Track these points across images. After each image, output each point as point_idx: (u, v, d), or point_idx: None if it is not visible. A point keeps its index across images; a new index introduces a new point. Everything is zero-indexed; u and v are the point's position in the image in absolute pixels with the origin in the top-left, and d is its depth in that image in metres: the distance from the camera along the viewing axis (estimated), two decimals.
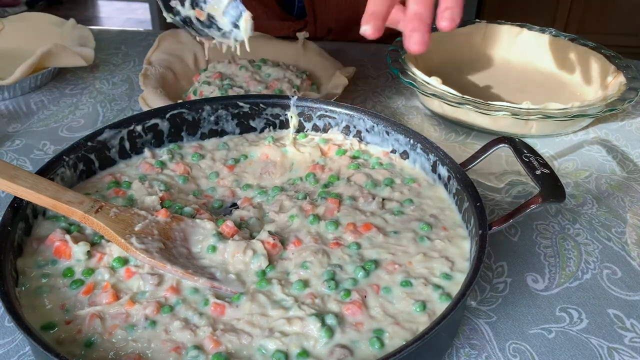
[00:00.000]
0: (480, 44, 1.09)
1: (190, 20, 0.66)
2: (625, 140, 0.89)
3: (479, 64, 1.08)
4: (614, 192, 0.79)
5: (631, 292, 0.64)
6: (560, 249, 0.69)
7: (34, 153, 0.85)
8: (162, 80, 0.94)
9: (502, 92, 0.99)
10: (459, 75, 1.04)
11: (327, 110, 0.75)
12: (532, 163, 0.62)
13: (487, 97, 0.87)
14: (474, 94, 0.87)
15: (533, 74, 1.05)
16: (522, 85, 1.01)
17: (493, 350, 0.57)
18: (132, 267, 0.56)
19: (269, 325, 0.52)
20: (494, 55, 1.09)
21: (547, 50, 1.05)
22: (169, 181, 0.68)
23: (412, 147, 0.70)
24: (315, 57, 1.03)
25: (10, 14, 1.12)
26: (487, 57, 1.09)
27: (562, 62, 1.04)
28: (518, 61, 1.07)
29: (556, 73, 1.04)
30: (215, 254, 0.58)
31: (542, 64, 1.06)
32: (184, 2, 0.65)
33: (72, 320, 0.52)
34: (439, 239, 0.60)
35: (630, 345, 0.58)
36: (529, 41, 1.07)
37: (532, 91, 0.99)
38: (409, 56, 0.97)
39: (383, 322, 0.52)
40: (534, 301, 0.63)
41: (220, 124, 0.76)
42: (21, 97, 0.99)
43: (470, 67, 1.07)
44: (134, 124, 0.71)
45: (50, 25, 1.11)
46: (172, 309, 0.53)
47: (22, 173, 0.57)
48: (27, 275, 0.55)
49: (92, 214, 0.57)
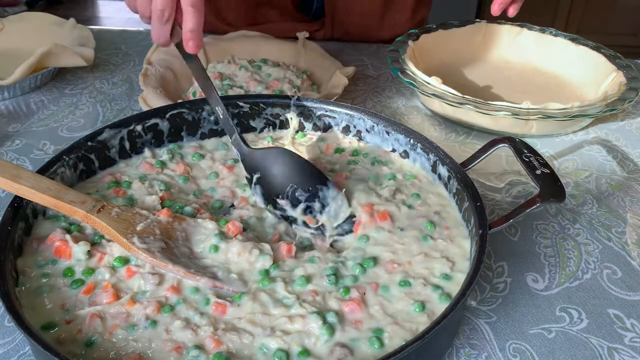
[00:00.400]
0: (480, 43, 1.10)
1: (293, 219, 0.64)
2: (625, 140, 0.90)
3: (479, 63, 1.08)
4: (614, 192, 0.79)
5: (631, 292, 0.64)
6: (560, 249, 0.69)
7: (34, 153, 0.85)
8: (162, 80, 0.94)
9: (502, 92, 0.99)
10: (458, 75, 1.04)
11: (327, 110, 0.75)
12: (532, 163, 0.62)
13: (487, 97, 0.87)
14: (474, 94, 0.87)
15: (533, 74, 1.05)
16: (522, 85, 1.01)
17: (493, 350, 0.57)
18: (132, 267, 0.56)
19: (270, 324, 0.52)
20: (494, 55, 1.10)
21: (547, 50, 1.06)
22: (169, 181, 0.68)
23: (412, 147, 0.70)
24: (315, 57, 1.03)
25: (10, 14, 1.12)
26: (487, 57, 1.09)
27: (562, 62, 1.04)
28: (518, 61, 1.08)
29: (556, 73, 1.04)
30: (218, 254, 0.58)
31: (542, 64, 1.06)
32: (296, 206, 0.63)
33: (72, 320, 0.52)
34: (441, 238, 0.61)
35: (630, 345, 0.58)
36: (529, 41, 1.08)
37: (532, 91, 0.99)
38: (409, 56, 0.97)
39: (382, 321, 0.52)
40: (534, 301, 0.63)
41: (221, 124, 0.76)
42: (21, 97, 0.99)
43: (470, 67, 1.07)
44: (134, 124, 0.71)
45: (50, 25, 1.11)
46: (172, 309, 0.53)
47: (24, 173, 0.57)
48: (27, 275, 0.55)
49: (94, 214, 0.57)
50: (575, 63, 1.02)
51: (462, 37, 1.09)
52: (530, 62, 1.07)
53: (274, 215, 0.64)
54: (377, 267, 0.58)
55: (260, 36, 1.07)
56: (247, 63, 0.97)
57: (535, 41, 1.07)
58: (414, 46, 1.01)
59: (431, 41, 1.05)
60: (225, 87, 0.91)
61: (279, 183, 0.64)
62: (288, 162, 0.63)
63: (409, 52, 0.99)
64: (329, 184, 0.63)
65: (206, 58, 1.02)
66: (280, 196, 0.64)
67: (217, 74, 0.94)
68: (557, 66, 1.05)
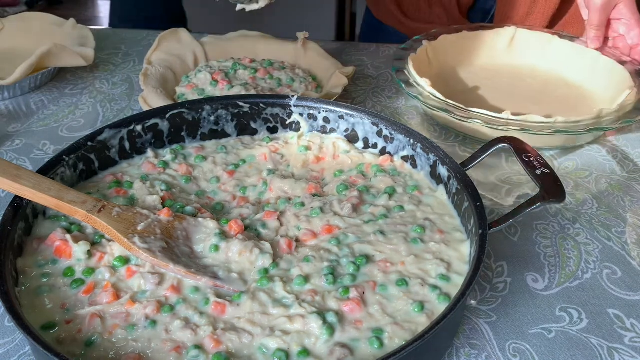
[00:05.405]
0: (506, 49, 1.04)
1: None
2: (625, 140, 0.89)
3: (500, 69, 1.03)
4: (614, 192, 0.79)
5: (631, 292, 0.64)
6: (560, 248, 0.69)
7: (34, 153, 0.85)
8: (162, 80, 0.94)
9: (513, 100, 0.93)
10: (471, 80, 1.00)
11: (327, 110, 0.75)
12: (532, 163, 0.62)
13: (491, 106, 0.83)
14: (477, 100, 0.83)
15: (557, 84, 0.99)
16: (540, 96, 0.96)
17: (493, 350, 0.57)
18: (133, 267, 0.56)
19: (269, 324, 0.52)
20: (519, 62, 1.03)
21: (577, 61, 0.99)
22: (171, 181, 0.68)
23: (412, 147, 0.70)
24: (315, 57, 1.03)
25: (10, 14, 1.12)
26: (511, 63, 1.04)
27: (590, 75, 0.98)
28: (544, 70, 1.02)
29: (581, 85, 0.98)
30: (218, 253, 0.58)
31: (570, 75, 1.00)
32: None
33: (72, 320, 0.52)
34: (433, 241, 0.60)
35: (630, 345, 0.58)
36: (559, 50, 1.01)
37: (547, 102, 0.94)
38: (418, 56, 0.95)
39: (382, 321, 0.52)
40: (534, 301, 0.63)
41: (221, 124, 0.76)
42: (21, 97, 0.99)
43: (487, 72, 1.02)
44: (134, 124, 0.71)
45: (50, 25, 1.11)
46: (172, 309, 0.53)
47: (24, 173, 0.58)
48: (28, 275, 0.55)
49: (95, 214, 0.57)
50: (601, 76, 0.96)
51: (487, 40, 1.04)
52: (557, 72, 1.01)
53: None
54: (371, 265, 0.58)
55: (260, 36, 1.07)
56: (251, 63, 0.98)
57: (566, 51, 1.01)
58: (428, 46, 0.98)
59: (450, 42, 1.02)
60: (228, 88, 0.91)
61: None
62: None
63: (420, 52, 0.97)
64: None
65: (206, 58, 1.02)
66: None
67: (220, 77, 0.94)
68: (583, 78, 0.98)
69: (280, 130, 0.77)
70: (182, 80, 0.96)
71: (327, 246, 0.60)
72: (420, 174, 0.70)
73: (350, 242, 0.60)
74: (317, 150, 0.74)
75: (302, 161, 0.73)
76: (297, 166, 0.73)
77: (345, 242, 0.61)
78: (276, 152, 0.74)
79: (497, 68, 1.03)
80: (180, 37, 1.03)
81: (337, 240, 0.60)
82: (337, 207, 0.65)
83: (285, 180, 0.69)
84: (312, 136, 0.76)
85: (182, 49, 1.01)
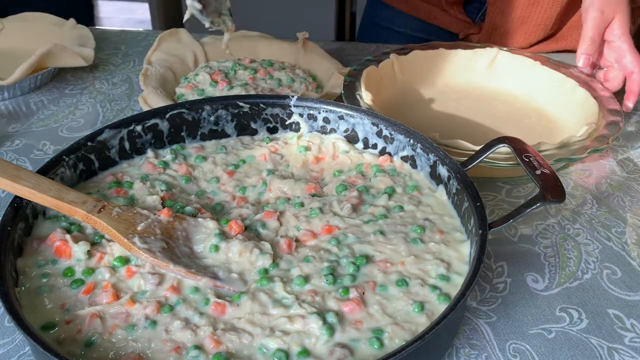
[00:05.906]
0: (484, 70, 0.99)
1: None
2: (625, 140, 0.90)
3: (472, 92, 0.98)
4: (614, 192, 0.79)
5: (631, 292, 0.64)
6: (560, 249, 0.69)
7: (33, 153, 0.85)
8: (162, 80, 0.94)
9: (471, 124, 0.89)
10: (436, 101, 0.95)
11: (327, 110, 0.75)
12: (532, 163, 0.62)
13: (443, 130, 0.78)
14: (428, 124, 0.79)
15: (530, 113, 0.93)
16: (504, 122, 0.91)
17: (493, 350, 0.57)
18: (132, 267, 0.56)
19: (269, 324, 0.52)
20: (495, 85, 0.99)
21: (555, 91, 0.94)
22: (170, 181, 0.68)
23: (412, 147, 0.70)
24: (315, 57, 1.03)
25: (10, 14, 1.12)
26: (486, 86, 0.99)
27: (565, 105, 0.92)
28: (521, 95, 0.96)
29: (555, 115, 0.92)
30: (218, 253, 0.58)
31: (545, 104, 0.94)
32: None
33: (72, 320, 0.52)
34: (433, 242, 0.60)
35: (630, 345, 0.58)
36: (540, 77, 0.96)
37: (510, 128, 0.88)
38: (381, 69, 0.92)
39: (382, 321, 0.52)
40: (534, 301, 0.63)
41: (221, 125, 0.76)
42: (21, 97, 0.99)
43: (458, 94, 0.97)
44: (134, 124, 0.71)
45: (50, 25, 1.11)
46: (172, 309, 0.53)
47: (24, 173, 0.58)
48: (27, 275, 0.55)
49: (94, 214, 0.57)
50: (574, 109, 0.90)
51: (464, 59, 0.99)
52: (532, 99, 0.95)
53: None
54: (371, 265, 0.58)
55: (260, 36, 1.07)
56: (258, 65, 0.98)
57: (547, 78, 0.95)
58: (395, 60, 0.95)
59: (423, 58, 0.98)
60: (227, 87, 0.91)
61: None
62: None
63: (385, 64, 0.93)
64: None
65: (206, 58, 1.02)
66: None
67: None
68: (555, 109, 0.93)
69: (280, 131, 0.77)
70: (182, 81, 0.96)
71: (327, 246, 0.60)
72: (420, 174, 0.70)
73: (350, 242, 0.61)
74: (317, 150, 0.74)
75: (302, 161, 0.73)
76: (296, 166, 0.73)
77: (345, 242, 0.61)
78: (276, 152, 0.74)
79: (469, 89, 0.98)
80: (180, 37, 1.04)
81: (336, 240, 0.61)
82: (337, 207, 0.65)
83: (284, 180, 0.69)
84: (311, 136, 0.76)
85: (182, 49, 1.02)
